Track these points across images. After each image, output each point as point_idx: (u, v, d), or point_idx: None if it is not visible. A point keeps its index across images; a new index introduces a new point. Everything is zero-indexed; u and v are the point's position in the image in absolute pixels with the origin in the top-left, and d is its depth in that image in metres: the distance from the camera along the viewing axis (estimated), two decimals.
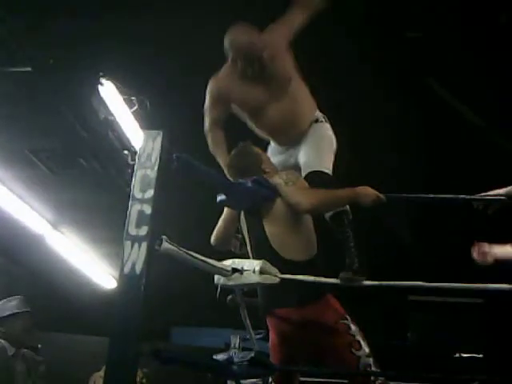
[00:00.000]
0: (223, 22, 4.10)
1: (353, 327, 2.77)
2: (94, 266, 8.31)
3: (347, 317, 2.79)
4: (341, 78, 4.59)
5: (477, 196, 3.08)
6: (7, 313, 4.09)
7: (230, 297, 3.11)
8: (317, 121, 3.20)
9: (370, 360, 2.73)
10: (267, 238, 2.83)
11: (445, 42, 4.20)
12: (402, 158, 5.45)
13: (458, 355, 8.86)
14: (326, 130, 3.20)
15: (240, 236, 3.17)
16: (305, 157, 3.12)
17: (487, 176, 5.12)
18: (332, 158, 3.13)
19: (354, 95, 4.80)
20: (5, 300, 4.20)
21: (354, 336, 2.74)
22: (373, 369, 2.72)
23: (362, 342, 2.75)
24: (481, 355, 8.75)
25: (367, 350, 2.75)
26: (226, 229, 3.12)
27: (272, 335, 2.89)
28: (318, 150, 3.11)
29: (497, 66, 4.28)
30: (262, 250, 2.83)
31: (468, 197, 3.07)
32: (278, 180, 2.87)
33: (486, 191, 3.07)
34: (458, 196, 3.05)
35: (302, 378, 3.29)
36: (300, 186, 2.85)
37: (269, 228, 2.84)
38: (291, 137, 3.20)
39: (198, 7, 4.05)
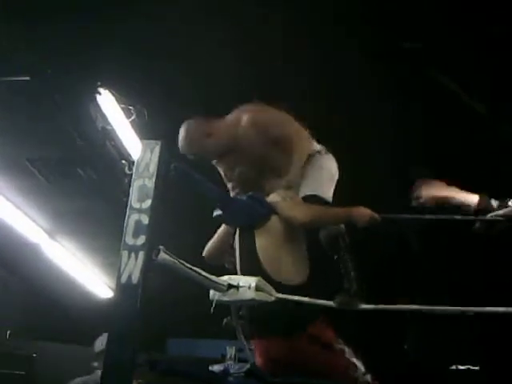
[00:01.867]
0: (223, 32, 4.13)
1: (346, 349, 2.74)
2: (90, 276, 8.29)
3: (339, 340, 2.75)
4: (341, 77, 4.59)
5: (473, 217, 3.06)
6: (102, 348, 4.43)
7: (225, 320, 3.09)
8: (314, 154, 3.15)
9: (368, 377, 2.72)
10: (258, 256, 2.80)
11: (447, 42, 4.20)
12: (403, 157, 5.43)
13: (454, 367, 8.84)
14: (326, 161, 3.17)
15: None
16: (304, 183, 3.08)
17: (492, 167, 5.14)
18: (332, 188, 3.11)
19: (354, 90, 4.78)
20: (101, 336, 4.56)
21: (349, 359, 2.72)
22: None
23: (357, 362, 2.73)
24: (477, 367, 8.73)
25: (363, 368, 2.73)
26: (219, 243, 3.10)
27: (258, 359, 2.82)
28: (318, 178, 3.08)
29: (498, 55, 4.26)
30: (251, 268, 2.80)
31: (465, 218, 3.06)
32: (276, 198, 2.87)
33: (490, 184, 3.06)
34: (453, 216, 3.05)
35: None
36: (297, 201, 2.86)
37: (260, 245, 2.81)
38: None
39: (198, 17, 4.06)
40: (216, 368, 2.59)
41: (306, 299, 2.56)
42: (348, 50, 4.31)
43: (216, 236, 3.10)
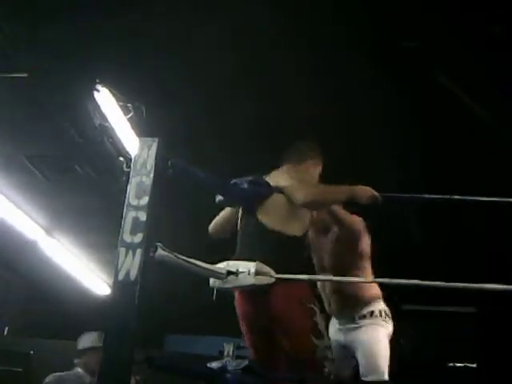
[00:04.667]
0: (222, 30, 4.13)
1: (318, 315, 2.74)
2: (88, 273, 8.29)
3: (316, 303, 2.77)
4: (340, 78, 4.58)
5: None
6: (87, 345, 4.55)
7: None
8: (372, 314, 3.32)
9: (329, 353, 2.71)
10: (261, 223, 2.84)
11: (447, 41, 4.20)
12: (402, 156, 5.43)
13: (451, 365, 8.85)
14: (379, 332, 3.30)
15: None
16: (362, 360, 3.23)
17: (491, 170, 5.14)
18: (387, 361, 3.25)
19: (354, 92, 4.78)
20: (84, 334, 4.70)
21: (316, 324, 2.72)
22: (328, 363, 2.69)
23: (324, 333, 2.74)
24: (474, 365, 8.74)
25: (328, 342, 2.73)
26: (225, 219, 3.12)
27: (238, 311, 2.88)
28: (373, 354, 3.22)
29: (498, 59, 4.26)
30: (252, 249, 2.82)
31: (464, 197, 3.07)
32: (287, 180, 2.88)
33: (489, 186, 3.07)
34: (453, 196, 3.06)
35: None
36: (301, 180, 2.88)
37: (263, 218, 2.86)
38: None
39: (197, 14, 4.05)
40: (214, 365, 2.60)
41: (305, 276, 2.59)
42: (348, 50, 4.31)
43: (222, 212, 3.12)
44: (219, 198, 2.92)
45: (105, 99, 4.62)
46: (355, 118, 4.97)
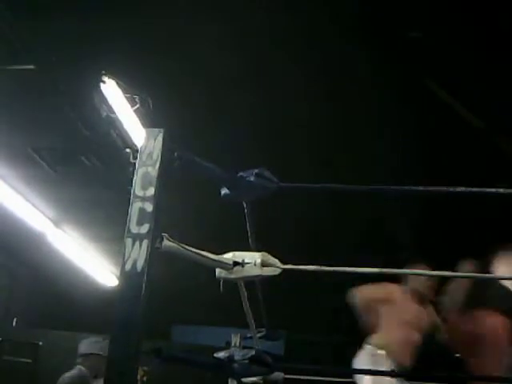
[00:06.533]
0: (224, 22, 4.13)
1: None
2: (95, 264, 8.33)
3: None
4: (340, 78, 4.59)
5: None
6: (93, 351, 4.97)
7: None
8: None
9: None
10: None
11: (445, 42, 4.20)
12: (400, 162, 5.45)
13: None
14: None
15: None
16: None
17: (486, 177, 5.14)
18: None
19: (354, 95, 4.80)
20: (92, 339, 5.13)
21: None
22: None
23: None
24: None
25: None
26: None
27: None
28: None
29: (497, 66, 4.27)
30: None
31: (464, 189, 3.06)
32: None
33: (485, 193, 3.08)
34: (456, 189, 3.05)
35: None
36: None
37: None
38: None
39: (199, 7, 4.05)
40: (221, 355, 2.60)
41: (311, 267, 2.60)
42: (347, 49, 4.31)
43: None
44: (225, 191, 2.91)
45: (111, 91, 4.63)
46: (353, 115, 4.99)
